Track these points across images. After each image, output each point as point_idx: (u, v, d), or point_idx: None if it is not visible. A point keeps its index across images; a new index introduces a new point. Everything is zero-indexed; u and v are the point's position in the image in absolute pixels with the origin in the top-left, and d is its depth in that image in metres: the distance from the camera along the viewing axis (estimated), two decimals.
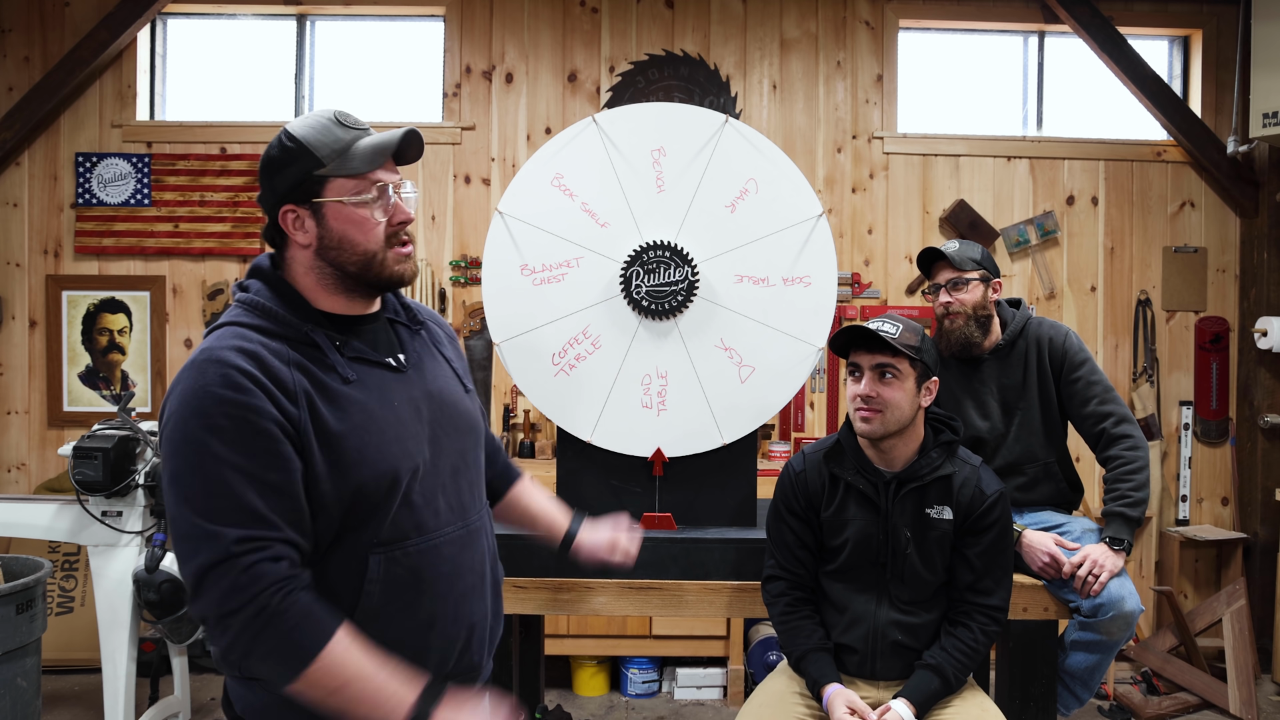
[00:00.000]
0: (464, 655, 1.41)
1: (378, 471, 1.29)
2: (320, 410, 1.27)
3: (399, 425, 1.34)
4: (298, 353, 1.30)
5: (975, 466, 2.03)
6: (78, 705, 3.70)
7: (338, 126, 1.35)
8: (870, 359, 1.96)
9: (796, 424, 4.40)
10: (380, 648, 1.26)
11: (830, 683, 1.95)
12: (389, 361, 1.39)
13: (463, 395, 1.50)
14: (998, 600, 2.00)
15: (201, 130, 4.40)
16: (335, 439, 1.27)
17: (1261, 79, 4.09)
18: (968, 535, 1.99)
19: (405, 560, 1.33)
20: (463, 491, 1.44)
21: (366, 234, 1.35)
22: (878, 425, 1.94)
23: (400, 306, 1.51)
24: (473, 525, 1.45)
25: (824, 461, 2.06)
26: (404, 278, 1.40)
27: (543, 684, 2.90)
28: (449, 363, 1.52)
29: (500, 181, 4.40)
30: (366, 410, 1.31)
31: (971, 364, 2.44)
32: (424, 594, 1.34)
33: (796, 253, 2.26)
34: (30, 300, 4.39)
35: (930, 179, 4.46)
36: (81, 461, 2.89)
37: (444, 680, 1.32)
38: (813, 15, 4.45)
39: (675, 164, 2.26)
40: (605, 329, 2.25)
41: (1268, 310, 4.32)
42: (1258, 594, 4.24)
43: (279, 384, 1.24)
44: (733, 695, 3.88)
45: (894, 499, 1.99)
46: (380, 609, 1.31)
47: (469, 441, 1.48)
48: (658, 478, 2.27)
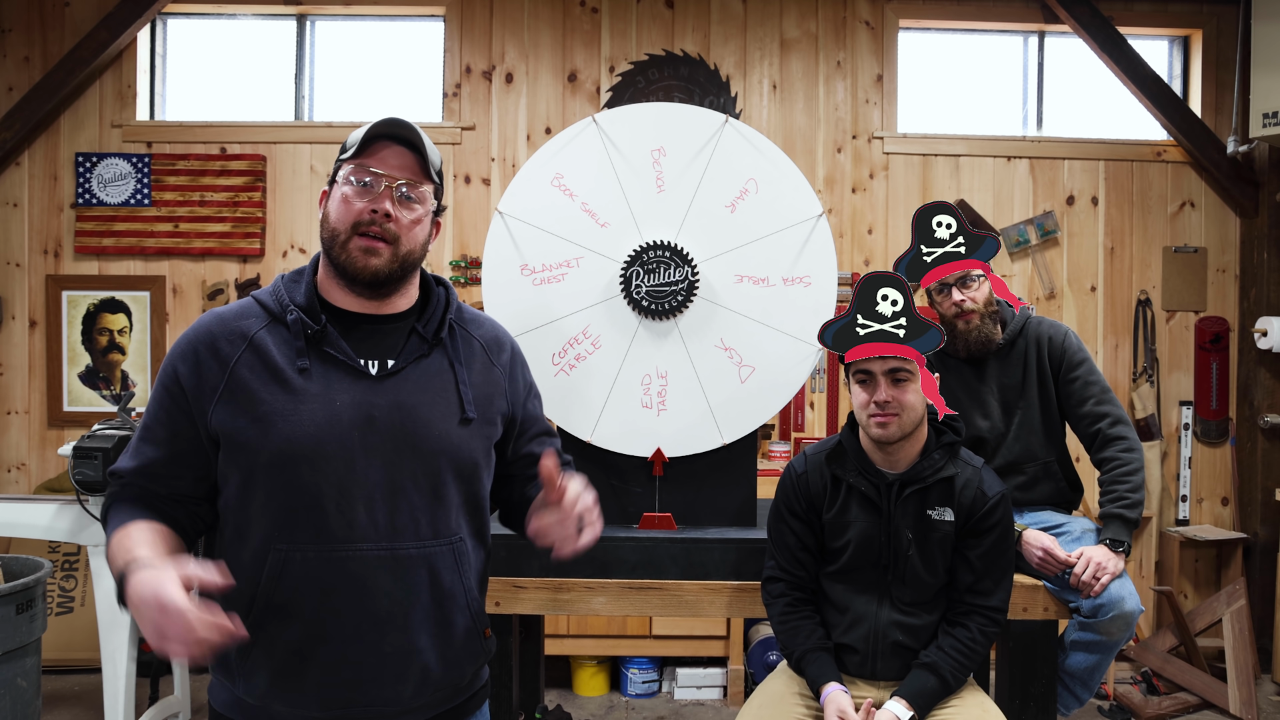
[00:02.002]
0: (371, 683, 1.35)
1: (281, 450, 1.32)
2: (250, 387, 1.34)
3: (328, 422, 1.34)
4: (269, 331, 1.38)
5: (977, 468, 2.03)
6: (78, 705, 3.70)
7: (373, 124, 1.40)
8: (883, 364, 1.93)
9: (796, 424, 4.39)
10: (277, 645, 1.33)
11: (829, 682, 1.94)
12: (361, 364, 1.38)
13: (444, 419, 1.40)
14: (997, 601, 2.00)
15: (201, 130, 4.40)
16: (256, 416, 1.33)
17: (1261, 79, 4.09)
18: (969, 537, 1.99)
19: (304, 564, 1.32)
20: (399, 513, 1.35)
21: (340, 213, 1.38)
22: (896, 429, 1.93)
23: (440, 321, 1.45)
24: (405, 552, 1.35)
25: (826, 463, 2.05)
26: (359, 270, 1.37)
27: (543, 684, 2.90)
28: (458, 385, 1.43)
29: (500, 181, 4.40)
30: (298, 397, 1.34)
31: (973, 363, 2.43)
32: (321, 603, 1.32)
33: (796, 253, 2.26)
34: (30, 300, 4.39)
35: (930, 179, 4.46)
36: (81, 461, 2.89)
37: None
38: (813, 15, 4.45)
39: (675, 164, 2.26)
40: (605, 329, 2.25)
41: (1268, 310, 4.32)
42: (1258, 594, 4.24)
43: (216, 356, 1.36)
44: (733, 695, 3.88)
45: (896, 501, 1.98)
46: (281, 606, 1.32)
47: (429, 466, 1.38)
48: (658, 478, 2.27)
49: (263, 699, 1.35)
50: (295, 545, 1.32)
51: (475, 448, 1.45)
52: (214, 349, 1.36)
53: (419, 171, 1.41)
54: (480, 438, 1.46)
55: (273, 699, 1.35)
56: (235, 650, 1.33)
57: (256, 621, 1.32)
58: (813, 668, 1.97)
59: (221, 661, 1.37)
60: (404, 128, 1.39)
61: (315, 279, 1.44)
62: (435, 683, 1.40)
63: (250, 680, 1.35)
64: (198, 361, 1.36)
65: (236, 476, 1.35)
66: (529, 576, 2.18)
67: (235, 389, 1.34)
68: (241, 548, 1.35)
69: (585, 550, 1.42)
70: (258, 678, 1.34)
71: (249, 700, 1.37)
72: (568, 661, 4.03)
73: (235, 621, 1.14)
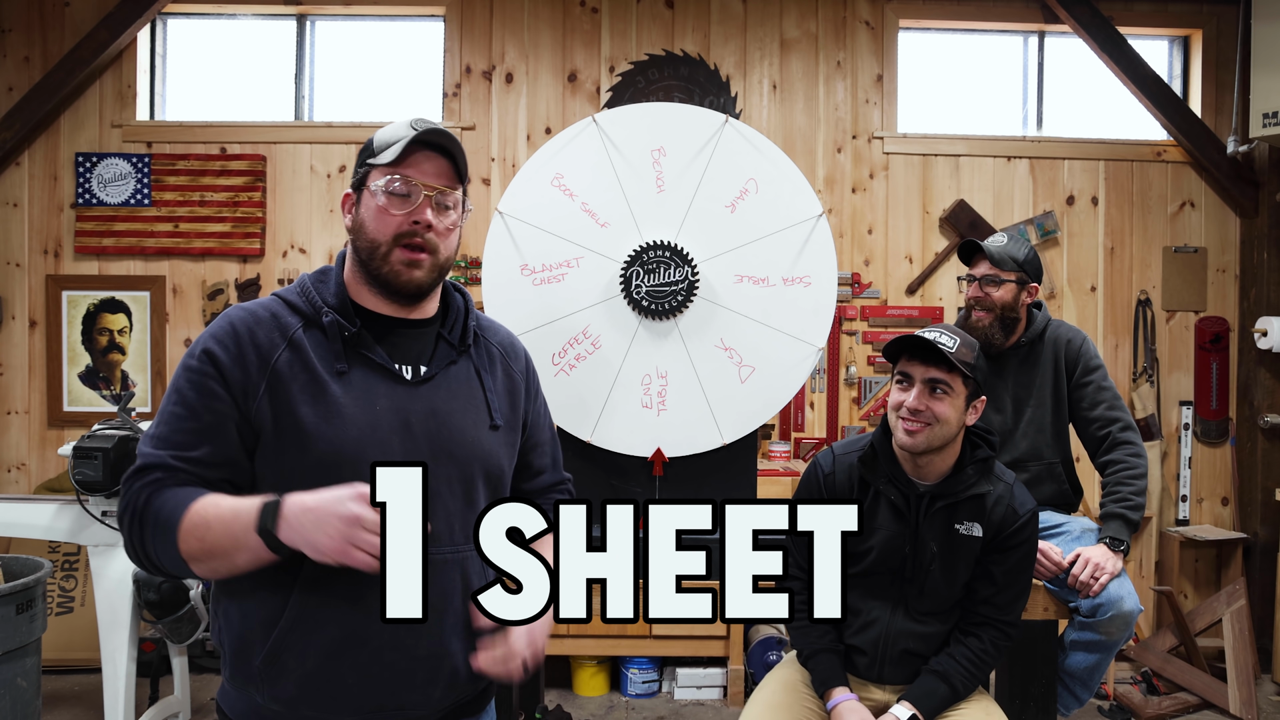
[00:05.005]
0: (403, 687, 1.35)
1: (324, 455, 1.31)
2: (290, 388, 1.32)
3: (369, 427, 1.33)
4: (305, 332, 1.36)
5: (1009, 484, 1.98)
6: (78, 705, 3.70)
7: (405, 126, 1.39)
8: (924, 371, 1.88)
9: (796, 424, 4.40)
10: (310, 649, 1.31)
11: (837, 686, 1.93)
12: (397, 369, 1.38)
13: (475, 426, 1.43)
14: (1013, 616, 1.97)
15: (201, 130, 4.40)
16: (297, 418, 1.31)
17: (1261, 79, 4.09)
18: (995, 552, 1.95)
19: (340, 568, 1.28)
20: (435, 518, 1.35)
21: (379, 224, 1.37)
22: (922, 440, 1.88)
23: (464, 328, 1.47)
24: (440, 556, 1.36)
25: (858, 465, 1.99)
26: (403, 284, 1.37)
27: (543, 684, 2.90)
28: (485, 393, 1.46)
29: (500, 181, 4.40)
30: (340, 402, 1.33)
31: (992, 360, 2.45)
32: (358, 601, 1.31)
33: (796, 253, 2.26)
34: (30, 300, 4.39)
35: (930, 179, 4.46)
36: (81, 461, 2.89)
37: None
38: (813, 15, 4.45)
39: (675, 164, 2.26)
40: (605, 329, 2.25)
41: (1268, 310, 4.32)
42: (1258, 594, 4.24)
43: (257, 348, 1.33)
44: (733, 695, 3.88)
45: (925, 514, 1.93)
46: (315, 612, 1.31)
47: (464, 472, 1.40)
48: (658, 478, 2.27)
49: (290, 705, 1.34)
50: None
51: (502, 454, 1.47)
52: (254, 340, 1.34)
53: (454, 178, 1.40)
54: (506, 444, 1.48)
55: (301, 704, 1.33)
56: (262, 656, 1.32)
57: (288, 627, 1.31)
58: (821, 668, 1.96)
59: (242, 668, 1.35)
60: (443, 136, 1.39)
61: (340, 284, 1.42)
62: (462, 684, 1.41)
63: (276, 685, 1.33)
64: (240, 348, 1.33)
65: (273, 478, 1.33)
66: None
67: (275, 386, 1.32)
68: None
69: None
70: (286, 682, 1.32)
71: (272, 707, 1.35)
72: (568, 661, 4.03)
73: None
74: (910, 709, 1.89)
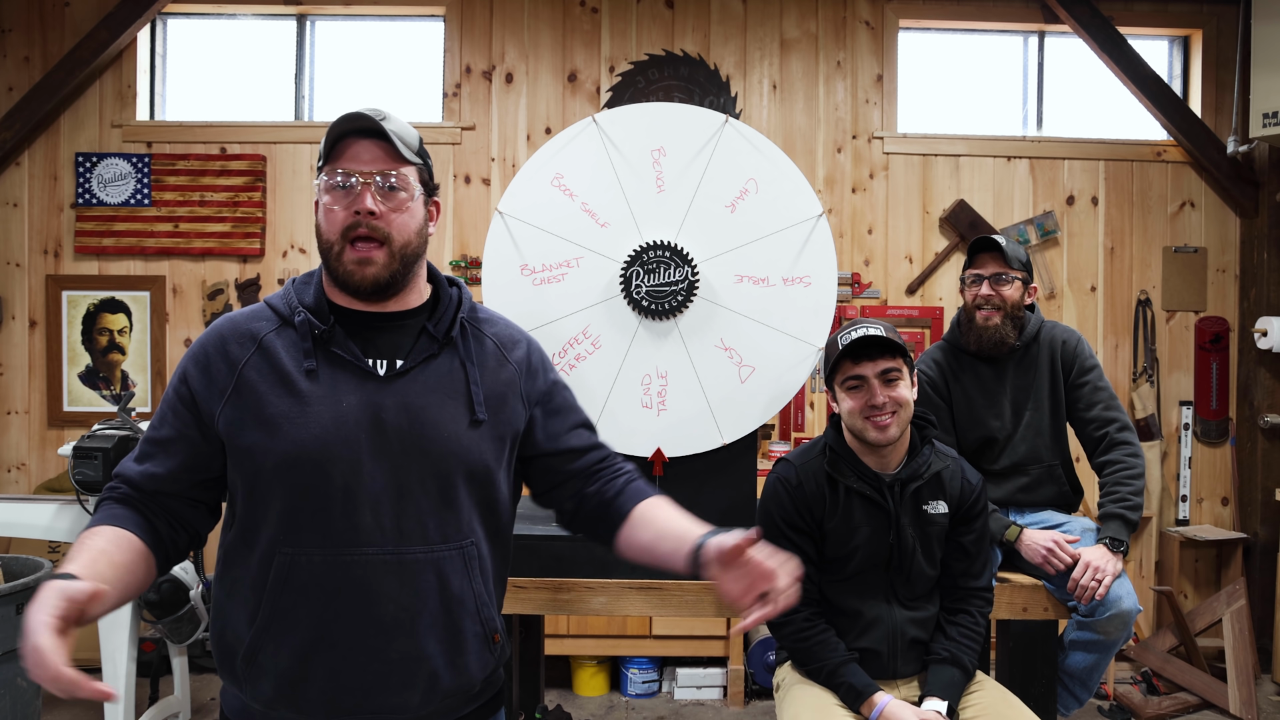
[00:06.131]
0: (377, 690, 1.33)
1: (286, 454, 1.30)
2: (257, 390, 1.33)
3: (334, 424, 1.31)
4: (278, 334, 1.37)
5: (955, 458, 2.07)
6: (77, 705, 3.70)
7: (333, 124, 1.36)
8: (873, 367, 1.94)
9: (796, 424, 4.40)
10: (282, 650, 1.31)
11: (875, 692, 1.92)
12: (370, 364, 1.36)
13: (454, 421, 1.37)
14: (986, 581, 2.07)
15: (201, 130, 4.40)
16: (264, 419, 1.32)
17: (1261, 79, 4.09)
18: (960, 525, 2.03)
19: (309, 568, 1.30)
20: (406, 517, 1.32)
21: (328, 223, 1.36)
22: (896, 429, 1.94)
23: (451, 320, 1.42)
24: (412, 556, 1.32)
25: (825, 469, 2.01)
26: (357, 284, 1.34)
27: (543, 684, 2.90)
28: (469, 385, 1.39)
29: (500, 181, 4.40)
30: (306, 400, 1.32)
31: (989, 364, 2.45)
32: (326, 608, 1.30)
33: (796, 253, 2.26)
34: (30, 300, 4.39)
35: (930, 179, 4.46)
36: (81, 461, 2.89)
37: None
38: (813, 15, 4.45)
39: (675, 164, 2.26)
40: (605, 329, 2.25)
41: (1268, 310, 4.32)
42: (1258, 594, 4.24)
43: (226, 360, 1.36)
44: (733, 695, 3.88)
45: (900, 500, 1.99)
46: (287, 612, 1.31)
47: (438, 469, 1.35)
48: (658, 478, 2.27)
49: (269, 705, 1.34)
50: (300, 549, 1.30)
51: (486, 450, 1.39)
52: (224, 351, 1.36)
53: (393, 158, 1.35)
54: (492, 439, 1.41)
55: (278, 704, 1.33)
56: (241, 656, 1.32)
57: (263, 626, 1.31)
58: (854, 678, 1.93)
59: (228, 667, 1.35)
60: (363, 119, 1.34)
61: (319, 284, 1.42)
62: (445, 690, 1.36)
63: (256, 686, 1.33)
64: (208, 364, 1.36)
65: (243, 481, 1.33)
66: (529, 576, 2.18)
67: (242, 391, 1.33)
68: (249, 552, 1.34)
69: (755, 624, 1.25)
70: (263, 684, 1.32)
71: (255, 706, 1.35)
72: (568, 661, 4.03)
73: (88, 682, 1.06)
74: (942, 702, 1.91)
